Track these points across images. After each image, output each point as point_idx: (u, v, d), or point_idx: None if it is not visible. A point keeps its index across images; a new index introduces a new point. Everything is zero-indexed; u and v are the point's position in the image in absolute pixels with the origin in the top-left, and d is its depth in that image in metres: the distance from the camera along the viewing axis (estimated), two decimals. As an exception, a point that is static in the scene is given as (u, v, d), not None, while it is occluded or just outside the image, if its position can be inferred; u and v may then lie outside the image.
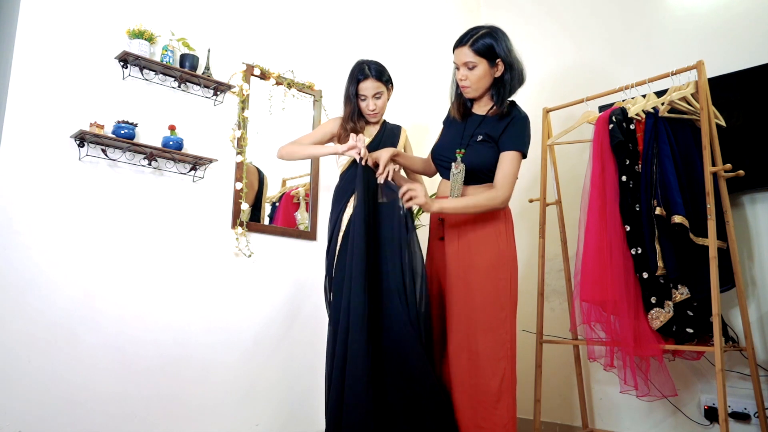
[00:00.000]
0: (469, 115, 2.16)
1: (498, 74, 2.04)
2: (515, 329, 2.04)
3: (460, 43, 2.05)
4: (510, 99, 2.11)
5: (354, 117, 2.22)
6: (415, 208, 2.61)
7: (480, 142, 2.06)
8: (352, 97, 2.21)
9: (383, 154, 2.14)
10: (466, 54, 2.02)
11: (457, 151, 2.09)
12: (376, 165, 2.12)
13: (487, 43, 2.00)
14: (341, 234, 2.14)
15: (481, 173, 2.06)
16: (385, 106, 2.29)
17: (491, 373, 1.93)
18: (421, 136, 3.27)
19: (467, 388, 1.96)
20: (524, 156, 2.08)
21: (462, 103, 2.17)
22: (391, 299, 1.97)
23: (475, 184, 2.07)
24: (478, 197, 2.02)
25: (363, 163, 2.07)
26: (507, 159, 2.03)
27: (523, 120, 2.08)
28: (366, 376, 1.87)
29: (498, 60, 2.02)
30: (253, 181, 2.68)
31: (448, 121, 2.24)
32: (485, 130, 2.07)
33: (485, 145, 2.06)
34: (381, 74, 2.22)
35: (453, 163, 2.08)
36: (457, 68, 2.07)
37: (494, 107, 2.08)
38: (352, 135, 2.12)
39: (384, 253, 2.03)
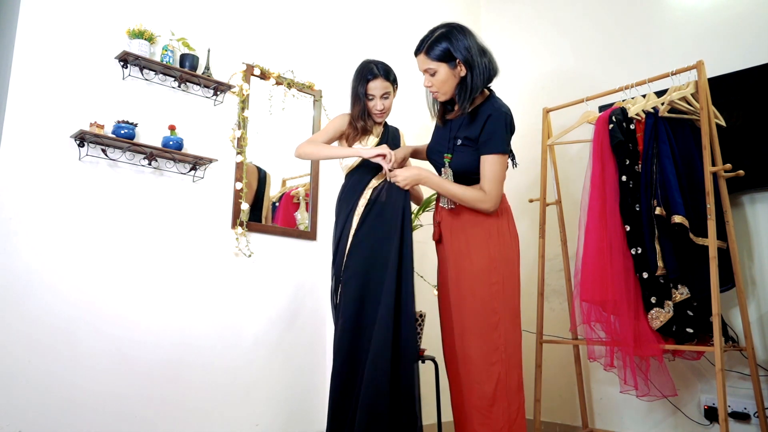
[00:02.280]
0: (449, 118, 2.13)
1: (462, 74, 1.97)
2: (515, 332, 2.00)
3: (417, 50, 2.01)
4: (489, 91, 2.06)
5: (364, 116, 2.22)
6: (415, 208, 2.61)
7: (461, 146, 2.03)
8: (362, 96, 2.20)
9: (405, 152, 2.24)
10: (424, 61, 1.99)
11: (445, 155, 2.06)
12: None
13: (442, 47, 1.95)
14: (352, 232, 2.13)
15: (468, 176, 2.03)
16: (391, 105, 2.29)
17: (485, 377, 1.92)
18: (424, 136, 3.27)
19: (464, 392, 1.96)
20: (506, 153, 1.99)
21: (439, 106, 2.13)
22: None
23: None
24: (468, 192, 1.98)
25: (390, 167, 2.07)
26: (488, 163, 1.96)
27: (498, 117, 1.97)
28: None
29: (458, 61, 1.95)
30: (252, 180, 2.68)
31: (435, 123, 2.22)
32: (464, 134, 2.02)
33: (466, 149, 2.02)
34: (389, 74, 2.22)
35: (443, 169, 2.06)
36: (423, 74, 2.04)
37: (457, 110, 2.03)
38: (383, 147, 2.12)
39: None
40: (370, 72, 2.18)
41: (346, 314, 2.05)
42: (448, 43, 1.95)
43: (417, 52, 2.02)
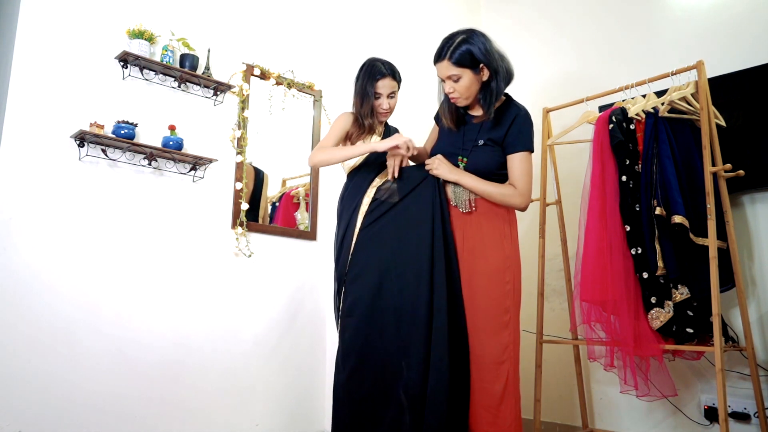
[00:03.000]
0: (463, 122, 2.12)
1: (485, 78, 1.98)
2: (518, 331, 2.04)
3: (438, 57, 1.98)
4: (506, 95, 2.08)
5: (372, 114, 2.21)
6: None
7: (482, 146, 2.04)
8: (370, 94, 2.18)
9: (422, 149, 2.21)
10: (448, 68, 1.96)
11: (459, 158, 2.07)
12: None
13: (465, 51, 1.93)
14: (356, 231, 2.12)
15: (486, 177, 2.05)
16: (395, 105, 2.28)
17: (495, 376, 1.94)
18: (423, 136, 3.27)
19: (472, 392, 1.97)
20: (532, 151, 2.07)
21: (454, 111, 2.11)
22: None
23: None
24: (499, 188, 2.01)
25: (409, 154, 2.06)
26: (517, 161, 2.02)
27: (524, 117, 2.05)
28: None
29: (481, 65, 1.96)
30: (249, 181, 2.68)
31: (443, 125, 2.19)
32: (487, 135, 2.04)
33: (488, 149, 2.04)
34: (395, 73, 2.21)
35: None
36: (443, 81, 2.02)
37: (482, 114, 2.04)
38: (397, 135, 2.09)
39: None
40: (379, 71, 2.17)
41: (357, 312, 2.00)
42: (471, 48, 1.94)
43: (439, 59, 1.99)
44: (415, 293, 1.98)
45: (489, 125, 2.05)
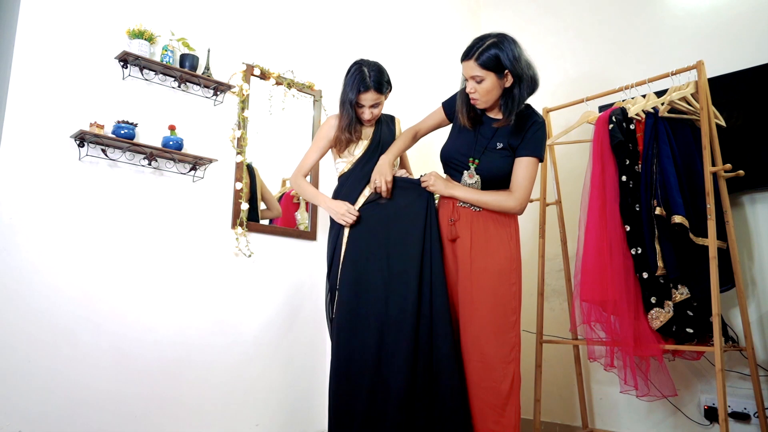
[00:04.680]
0: (479, 122, 2.12)
1: (508, 85, 1.98)
2: (520, 330, 2.06)
3: (466, 56, 1.97)
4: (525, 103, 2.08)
5: (350, 127, 2.18)
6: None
7: (500, 150, 2.05)
8: (350, 104, 2.16)
9: (385, 174, 2.12)
10: (473, 68, 1.95)
11: (471, 159, 2.08)
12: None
13: (492, 55, 1.93)
14: (344, 243, 2.13)
15: (498, 182, 2.07)
16: (381, 111, 2.27)
17: (501, 376, 1.96)
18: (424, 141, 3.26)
19: (479, 392, 1.98)
20: (542, 161, 2.09)
21: (471, 109, 2.10)
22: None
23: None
24: (493, 195, 2.03)
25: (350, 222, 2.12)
26: (523, 164, 2.03)
27: (541, 125, 2.07)
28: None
29: (506, 71, 1.96)
30: (247, 178, 2.68)
31: (457, 125, 2.19)
32: (507, 140, 2.05)
33: (504, 153, 2.06)
34: (381, 85, 2.15)
35: (466, 172, 2.08)
36: (466, 80, 2.02)
37: (502, 120, 2.04)
38: (345, 207, 2.12)
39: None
40: (363, 83, 2.13)
41: (344, 310, 2.04)
42: (499, 52, 1.93)
43: (465, 58, 1.98)
44: (403, 291, 2.01)
45: (507, 130, 2.06)
